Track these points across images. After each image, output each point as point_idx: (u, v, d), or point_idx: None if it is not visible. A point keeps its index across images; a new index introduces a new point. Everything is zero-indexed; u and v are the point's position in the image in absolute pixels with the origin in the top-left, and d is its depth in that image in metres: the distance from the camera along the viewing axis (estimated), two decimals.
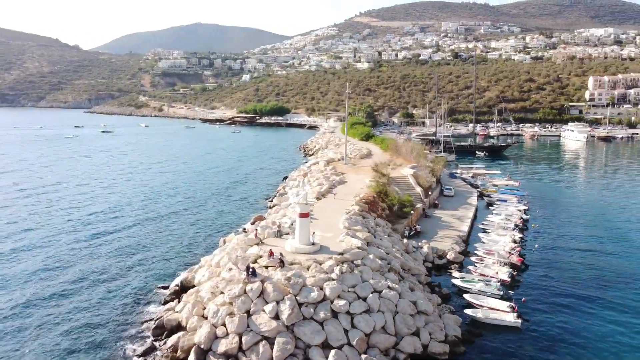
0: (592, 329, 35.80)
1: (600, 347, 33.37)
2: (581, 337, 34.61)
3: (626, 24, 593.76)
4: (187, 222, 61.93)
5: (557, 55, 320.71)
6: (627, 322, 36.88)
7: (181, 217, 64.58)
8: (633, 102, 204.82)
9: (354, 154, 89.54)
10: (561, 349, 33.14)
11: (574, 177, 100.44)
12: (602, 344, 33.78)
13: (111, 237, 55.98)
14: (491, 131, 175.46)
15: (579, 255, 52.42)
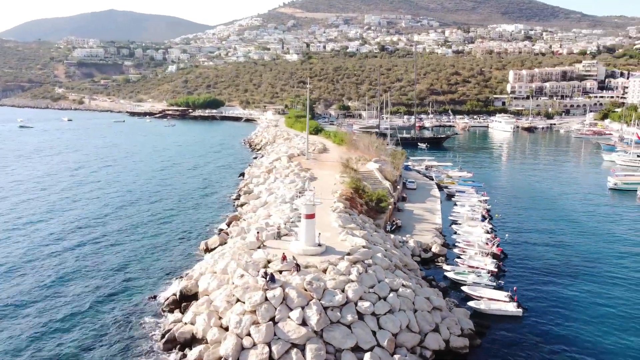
0: (584, 309, 38.50)
1: (597, 323, 35.92)
2: (577, 320, 37.08)
3: (532, 20, 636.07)
4: (154, 228, 58.55)
5: (476, 49, 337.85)
6: (614, 295, 40.10)
7: (146, 223, 60.73)
8: (548, 95, 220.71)
9: (311, 149, 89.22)
10: (561, 331, 35.34)
11: (513, 166, 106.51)
12: (598, 320, 36.39)
13: (83, 249, 52.24)
14: (426, 123, 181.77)
15: (545, 239, 56.26)
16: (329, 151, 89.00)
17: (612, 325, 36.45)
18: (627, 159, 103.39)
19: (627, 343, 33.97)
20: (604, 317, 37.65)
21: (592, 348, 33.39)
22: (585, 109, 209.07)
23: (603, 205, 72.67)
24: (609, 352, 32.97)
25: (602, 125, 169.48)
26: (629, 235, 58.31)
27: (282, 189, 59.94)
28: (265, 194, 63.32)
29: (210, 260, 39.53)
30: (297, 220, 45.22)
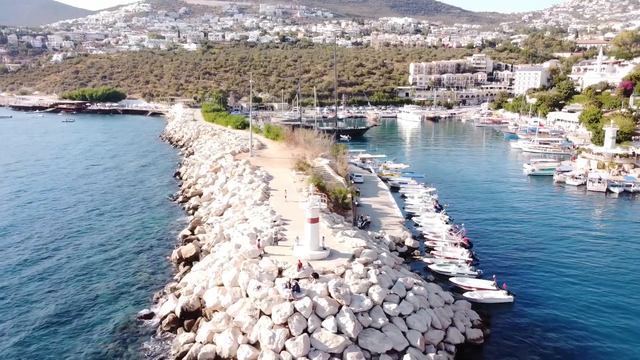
0: (560, 288, 42.40)
1: (574, 300, 39.71)
2: (559, 299, 40.70)
3: (418, 14, 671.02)
4: (104, 240, 53.69)
5: (374, 42, 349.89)
6: (576, 272, 44.51)
7: (90, 235, 55.60)
8: (446, 86, 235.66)
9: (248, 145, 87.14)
10: (552, 312, 38.62)
11: (437, 155, 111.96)
12: (574, 297, 40.22)
13: (31, 272, 46.67)
14: (339, 114, 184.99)
15: (495, 226, 60.83)
16: (267, 147, 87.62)
17: (586, 300, 40.62)
18: (532, 146, 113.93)
19: (603, 315, 38.05)
20: (576, 294, 41.81)
21: (580, 322, 37.00)
22: (479, 99, 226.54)
23: (529, 190, 79.75)
24: (592, 319, 36.71)
25: (497, 115, 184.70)
26: (562, 215, 64.92)
27: (242, 189, 57.98)
28: (221, 195, 60.95)
29: (207, 273, 37.29)
30: (282, 224, 44.30)
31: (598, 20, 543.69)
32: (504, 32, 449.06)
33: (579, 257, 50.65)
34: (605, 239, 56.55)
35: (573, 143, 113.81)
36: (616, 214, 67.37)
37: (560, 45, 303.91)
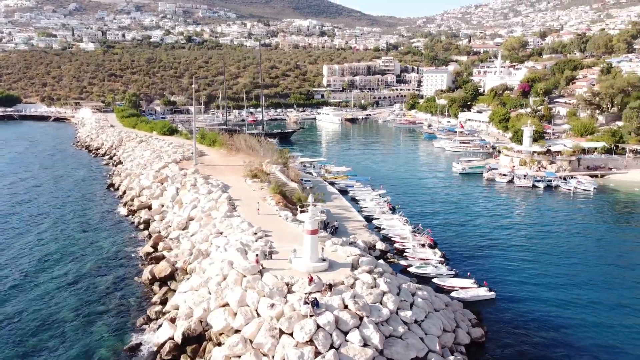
0: (533, 278, 45.69)
1: (551, 289, 42.94)
2: (536, 289, 43.82)
3: (321, 16, 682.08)
4: (50, 266, 48.49)
5: (283, 43, 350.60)
6: (539, 260, 48.13)
7: (31, 261, 49.95)
8: (359, 88, 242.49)
9: (189, 153, 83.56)
10: (533, 303, 41.46)
11: (369, 156, 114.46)
12: (551, 287, 43.44)
13: None
14: (259, 117, 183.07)
15: (448, 223, 63.99)
16: (207, 154, 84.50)
17: (553, 285, 44.30)
18: (454, 145, 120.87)
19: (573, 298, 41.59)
20: (545, 283, 45.34)
21: (560, 308, 40.35)
22: (391, 100, 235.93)
23: (464, 187, 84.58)
24: (569, 305, 40.10)
25: (411, 115, 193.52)
26: (502, 209, 69.90)
27: (203, 201, 55.45)
28: (177, 207, 57.82)
29: (201, 293, 35.15)
30: (265, 236, 43.09)
31: (484, 26, 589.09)
32: (403, 36, 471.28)
33: (532, 247, 55.37)
34: (547, 228, 62.16)
35: (490, 142, 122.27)
36: (547, 206, 73.60)
37: (457, 49, 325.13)
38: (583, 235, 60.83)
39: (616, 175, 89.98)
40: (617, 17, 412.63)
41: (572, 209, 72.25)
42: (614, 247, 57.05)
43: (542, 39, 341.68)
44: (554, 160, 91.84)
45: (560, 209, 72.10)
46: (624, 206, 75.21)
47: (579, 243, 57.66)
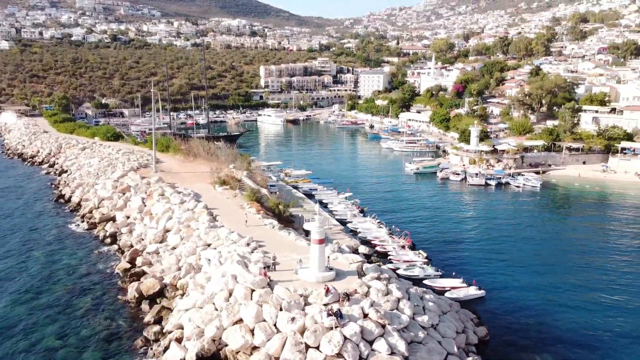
0: (515, 272, 47.89)
1: (530, 280, 45.36)
2: (518, 282, 46.12)
3: (249, 16, 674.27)
4: (17, 289, 44.58)
5: (214, 43, 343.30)
6: (514, 254, 50.60)
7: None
8: (297, 88, 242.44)
9: (144, 160, 79.85)
10: (523, 297, 43.63)
11: (320, 158, 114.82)
12: (529, 279, 45.87)
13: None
14: (199, 119, 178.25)
15: (416, 221, 65.91)
16: (163, 161, 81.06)
17: (537, 280, 47.04)
18: (402, 145, 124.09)
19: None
20: (528, 276, 47.90)
21: (544, 298, 42.93)
22: (329, 101, 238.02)
23: (421, 186, 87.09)
24: (555, 292, 42.72)
25: (352, 116, 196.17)
26: (462, 206, 72.84)
27: (178, 211, 53.20)
28: (147, 219, 55.05)
29: (207, 311, 33.67)
30: (258, 247, 42.12)
31: (409, 28, 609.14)
32: (332, 37, 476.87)
33: (500, 242, 58.72)
34: (508, 223, 66.04)
35: (434, 142, 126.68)
36: (503, 202, 77.54)
37: (389, 51, 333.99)
38: (540, 227, 65.59)
39: (555, 171, 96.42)
40: (530, 22, 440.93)
41: (525, 205, 76.59)
42: (568, 237, 62.07)
43: (465, 41, 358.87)
44: (501, 159, 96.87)
45: (515, 205, 76.26)
46: (567, 200, 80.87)
47: (538, 235, 62.15)
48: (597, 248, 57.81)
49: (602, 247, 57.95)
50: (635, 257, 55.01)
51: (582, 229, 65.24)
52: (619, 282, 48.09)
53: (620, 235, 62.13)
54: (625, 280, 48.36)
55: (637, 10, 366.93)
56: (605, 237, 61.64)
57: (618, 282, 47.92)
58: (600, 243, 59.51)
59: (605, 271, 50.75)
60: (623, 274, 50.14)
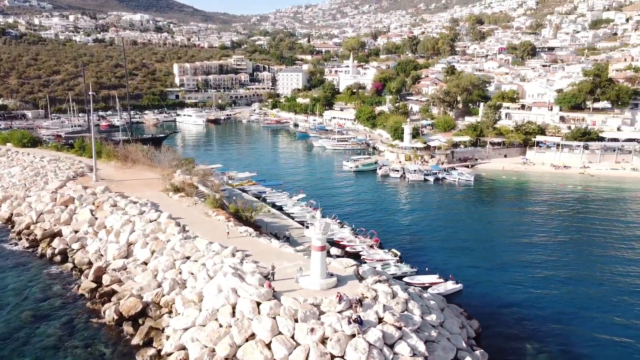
0: (485, 262, 50.86)
1: (503, 269, 48.44)
2: (493, 273, 48.97)
3: (150, 10, 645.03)
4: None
5: (119, 39, 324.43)
6: (476, 244, 53.63)
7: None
8: (213, 87, 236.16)
9: (75, 168, 73.80)
10: (499, 286, 46.44)
11: (258, 158, 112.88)
12: (502, 268, 48.88)
13: None
14: (114, 121, 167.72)
15: (375, 217, 67.50)
16: (99, 168, 75.29)
17: (500, 261, 51.19)
18: (334, 144, 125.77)
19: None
20: (492, 266, 50.96)
21: (517, 285, 46.24)
22: (247, 99, 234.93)
23: (364, 183, 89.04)
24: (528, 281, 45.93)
25: (273, 114, 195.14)
26: (407, 202, 75.93)
27: (140, 223, 49.89)
28: (103, 233, 51.04)
29: (212, 328, 32.02)
30: (245, 257, 40.79)
31: (316, 26, 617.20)
32: (241, 33, 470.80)
33: (457, 235, 62.08)
34: (454, 215, 70.93)
35: (365, 139, 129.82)
36: (444, 196, 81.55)
37: (302, 48, 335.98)
38: (484, 217, 71.30)
39: (482, 164, 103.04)
40: (431, 22, 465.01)
41: (466, 197, 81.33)
42: (508, 222, 68.47)
43: (374, 40, 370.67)
44: (434, 155, 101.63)
45: (457, 198, 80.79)
46: (499, 190, 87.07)
47: (485, 225, 67.68)
48: (533, 228, 65.13)
49: (535, 227, 65.57)
50: (562, 233, 63.50)
51: (517, 214, 72.37)
52: (557, 255, 55.95)
53: (549, 217, 70.72)
54: (560, 254, 56.11)
55: (524, 14, 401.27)
56: (534, 218, 69.73)
57: (557, 255, 55.84)
58: (532, 224, 67.09)
59: (545, 248, 57.75)
60: (559, 246, 58.40)
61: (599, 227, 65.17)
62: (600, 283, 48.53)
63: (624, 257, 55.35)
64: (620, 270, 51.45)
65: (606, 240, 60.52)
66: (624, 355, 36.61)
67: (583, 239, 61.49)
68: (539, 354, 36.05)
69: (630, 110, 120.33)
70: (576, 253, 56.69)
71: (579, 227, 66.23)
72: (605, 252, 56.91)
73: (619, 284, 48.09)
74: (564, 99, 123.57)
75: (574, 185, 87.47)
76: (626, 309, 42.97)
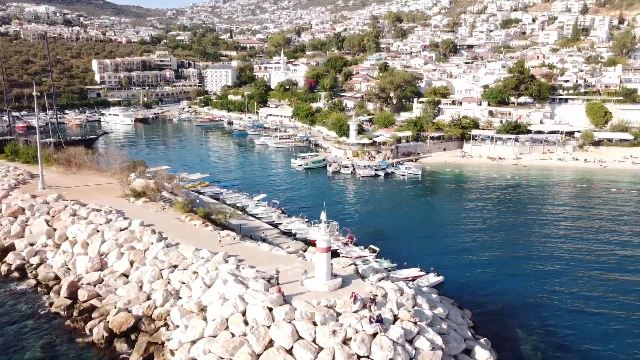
0: (458, 255, 53.16)
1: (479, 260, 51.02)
2: (469, 262, 51.35)
3: (55, 2, 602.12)
4: None
5: (26, 33, 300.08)
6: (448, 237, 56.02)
7: None
8: (137, 84, 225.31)
9: (16, 175, 67.72)
10: (477, 276, 48.77)
11: (199, 156, 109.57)
12: (477, 259, 51.41)
13: None
14: (32, 122, 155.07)
15: (336, 213, 67.92)
16: (40, 175, 69.75)
17: (467, 249, 54.76)
18: (277, 141, 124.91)
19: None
20: (462, 251, 53.60)
21: (493, 270, 48.96)
22: (175, 97, 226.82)
23: (318, 180, 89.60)
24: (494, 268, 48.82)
25: (205, 112, 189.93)
26: (362, 197, 77.49)
27: (109, 232, 46.85)
28: (67, 245, 47.46)
29: (226, 338, 30.94)
30: (238, 262, 39.71)
31: (236, 21, 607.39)
32: (157, 28, 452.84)
33: (422, 226, 65.04)
34: (409, 207, 74.59)
35: (307, 137, 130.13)
36: (395, 190, 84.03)
37: (226, 44, 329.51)
38: (439, 208, 75.46)
39: (424, 158, 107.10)
40: (352, 19, 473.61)
41: (417, 190, 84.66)
42: (458, 209, 72.97)
43: (298, 36, 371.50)
44: (380, 150, 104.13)
45: (409, 192, 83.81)
46: (446, 182, 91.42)
47: (442, 216, 70.81)
48: (485, 215, 70.38)
49: (486, 214, 71.19)
50: (508, 218, 70.08)
51: (467, 203, 77.22)
52: (507, 236, 61.79)
53: (494, 204, 76.98)
54: (508, 235, 62.01)
55: (440, 12, 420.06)
56: (483, 205, 75.42)
57: (506, 236, 61.67)
58: (483, 211, 72.60)
59: (497, 231, 63.33)
60: (507, 229, 64.52)
61: (539, 210, 72.43)
62: (557, 259, 54.38)
63: (564, 235, 62.26)
64: (564, 246, 58.06)
65: (549, 222, 67.30)
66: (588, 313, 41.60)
67: (527, 221, 67.85)
68: (529, 336, 38.32)
69: (549, 105, 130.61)
70: (523, 234, 62.77)
71: (523, 211, 72.79)
72: (550, 231, 63.64)
73: (566, 259, 54.47)
74: (491, 95, 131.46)
75: (512, 176, 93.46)
76: (572, 275, 49.81)
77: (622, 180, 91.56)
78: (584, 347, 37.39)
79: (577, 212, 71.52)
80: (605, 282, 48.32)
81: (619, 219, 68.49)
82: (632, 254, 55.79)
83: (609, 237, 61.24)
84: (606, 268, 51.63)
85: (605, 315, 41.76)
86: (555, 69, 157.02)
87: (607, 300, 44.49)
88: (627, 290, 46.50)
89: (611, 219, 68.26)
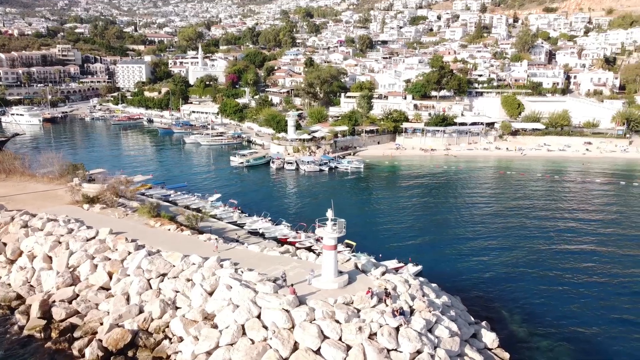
0: (432, 244, 55.43)
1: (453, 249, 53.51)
2: (442, 251, 53.63)
3: None
4: None
5: None
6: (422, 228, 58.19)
7: None
8: (38, 81, 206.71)
9: None
10: (455, 263, 51.26)
11: (129, 157, 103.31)
12: (451, 248, 53.81)
13: None
14: None
15: (297, 205, 68.99)
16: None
17: (433, 235, 57.19)
18: (209, 139, 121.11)
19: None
20: (429, 238, 55.97)
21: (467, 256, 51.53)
22: (83, 94, 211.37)
23: (262, 177, 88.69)
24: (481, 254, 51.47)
25: (119, 110, 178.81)
26: (311, 191, 77.88)
27: (74, 243, 42.95)
28: (24, 260, 42.94)
29: (244, 345, 29.82)
30: (232, 265, 38.32)
31: (137, 14, 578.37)
32: (50, 20, 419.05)
33: (378, 218, 66.52)
34: (365, 199, 77.27)
35: (240, 133, 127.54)
36: (343, 183, 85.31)
37: (132, 38, 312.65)
38: (388, 199, 77.86)
39: (361, 152, 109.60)
40: (261, 13, 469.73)
41: (362, 183, 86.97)
42: (412, 202, 75.19)
43: (208, 30, 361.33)
44: (320, 145, 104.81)
45: (355, 184, 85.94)
46: (387, 173, 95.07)
47: (393, 206, 72.93)
48: (431, 201, 76.04)
49: (432, 200, 76.86)
50: (450, 201, 76.59)
51: (412, 191, 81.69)
52: (453, 218, 67.68)
53: (437, 191, 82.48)
54: (456, 217, 67.72)
55: (348, 8, 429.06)
56: (428, 193, 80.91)
57: (453, 218, 67.51)
58: (429, 197, 77.99)
59: (448, 214, 68.97)
60: (452, 211, 70.20)
61: (477, 195, 79.66)
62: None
63: (504, 213, 69.31)
64: (504, 223, 65.05)
65: (488, 204, 74.04)
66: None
67: (468, 204, 74.01)
68: (513, 315, 40.99)
69: (468, 98, 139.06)
70: (467, 215, 68.11)
71: (462, 196, 78.66)
72: (491, 211, 70.24)
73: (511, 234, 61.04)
74: (415, 89, 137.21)
75: (448, 165, 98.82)
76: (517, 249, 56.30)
77: (542, 166, 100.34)
78: (559, 313, 41.34)
79: (515, 195, 78.91)
80: (545, 251, 55.50)
81: (553, 200, 76.43)
82: (567, 227, 63.76)
83: (547, 214, 68.63)
84: (545, 237, 59.43)
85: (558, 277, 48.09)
86: (468, 64, 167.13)
87: (550, 265, 51.35)
88: (562, 257, 53.69)
89: (549, 200, 76.35)
